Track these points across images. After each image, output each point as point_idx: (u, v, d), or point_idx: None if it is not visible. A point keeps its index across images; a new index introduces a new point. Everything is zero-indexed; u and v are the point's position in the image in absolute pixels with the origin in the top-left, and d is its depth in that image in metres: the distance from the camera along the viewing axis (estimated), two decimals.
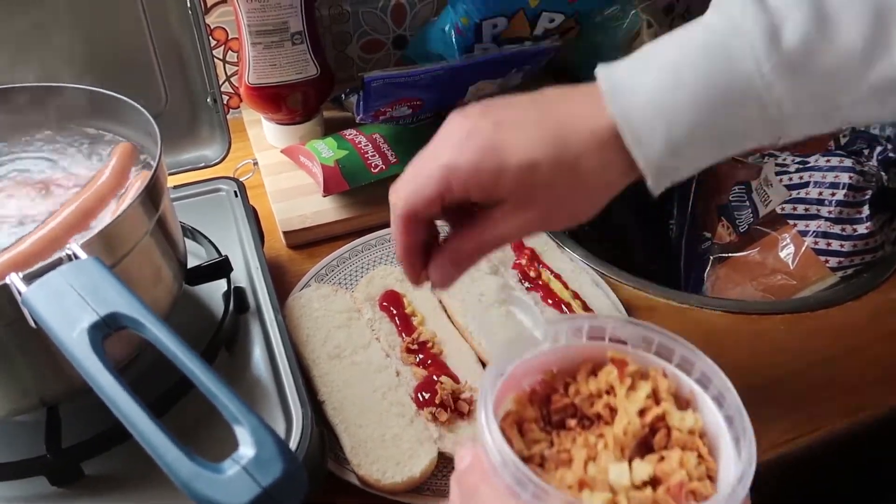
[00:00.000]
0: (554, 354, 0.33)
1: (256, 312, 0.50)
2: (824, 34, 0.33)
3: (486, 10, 0.73)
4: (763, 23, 0.33)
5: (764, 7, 0.34)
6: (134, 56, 0.59)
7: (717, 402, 0.31)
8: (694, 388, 0.32)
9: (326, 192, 0.64)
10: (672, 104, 0.34)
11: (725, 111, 0.34)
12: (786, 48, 0.33)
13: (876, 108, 0.35)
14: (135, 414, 0.27)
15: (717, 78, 0.34)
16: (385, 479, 0.43)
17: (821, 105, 0.35)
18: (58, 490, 0.40)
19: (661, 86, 0.35)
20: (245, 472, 0.26)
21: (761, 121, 0.35)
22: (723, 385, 0.31)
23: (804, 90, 0.34)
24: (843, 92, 0.34)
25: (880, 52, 0.33)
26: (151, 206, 0.41)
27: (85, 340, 0.30)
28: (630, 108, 0.35)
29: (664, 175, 0.36)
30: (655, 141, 0.35)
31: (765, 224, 0.71)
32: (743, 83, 0.34)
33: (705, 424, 0.31)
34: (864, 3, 0.33)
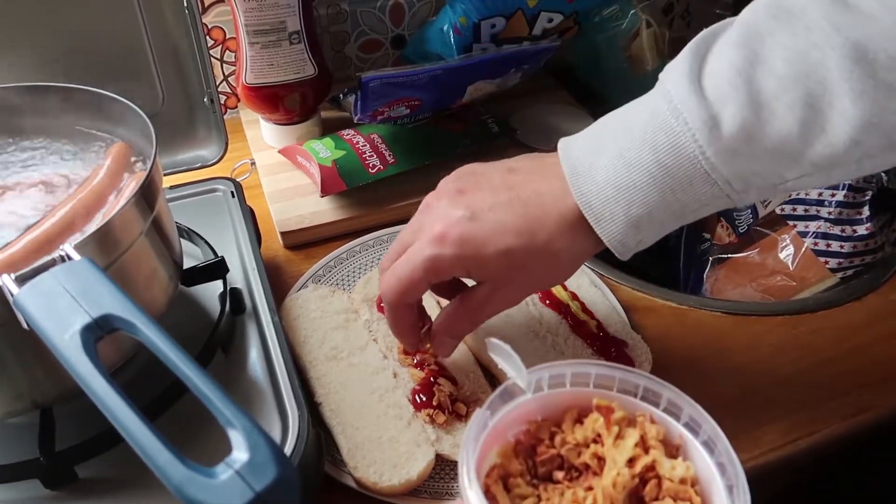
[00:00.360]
0: (537, 403, 0.33)
1: (253, 314, 0.50)
2: (760, 120, 0.36)
3: (485, 10, 0.73)
4: (702, 113, 0.36)
5: (701, 97, 0.36)
6: (130, 55, 0.59)
7: (707, 447, 0.30)
8: (683, 433, 0.32)
9: (324, 193, 0.64)
10: (628, 185, 0.38)
11: (679, 189, 0.37)
12: (726, 135, 0.35)
13: (822, 180, 0.37)
14: (127, 418, 0.27)
15: (666, 161, 0.37)
16: (382, 481, 0.43)
17: (767, 180, 0.37)
18: (51, 493, 0.40)
19: (615, 168, 0.38)
20: (238, 476, 0.26)
21: (713, 196, 0.37)
22: (712, 431, 0.30)
23: (748, 170, 0.37)
24: (786, 169, 0.37)
25: (816, 133, 0.35)
26: (146, 207, 0.41)
27: (77, 343, 0.29)
28: (589, 192, 0.38)
29: (628, 248, 0.40)
30: (616, 220, 0.38)
31: (764, 225, 0.70)
32: (690, 166, 0.36)
33: (696, 471, 0.31)
34: (796, 90, 0.35)
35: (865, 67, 0.33)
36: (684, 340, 0.56)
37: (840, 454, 0.52)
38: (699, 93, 0.36)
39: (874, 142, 0.35)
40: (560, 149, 0.41)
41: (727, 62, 0.36)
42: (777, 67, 0.35)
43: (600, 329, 0.53)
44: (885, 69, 0.33)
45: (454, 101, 0.74)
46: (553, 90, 0.86)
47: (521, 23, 0.74)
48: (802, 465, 0.49)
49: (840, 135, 0.34)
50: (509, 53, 0.72)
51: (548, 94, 0.85)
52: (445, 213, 0.41)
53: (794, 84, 0.35)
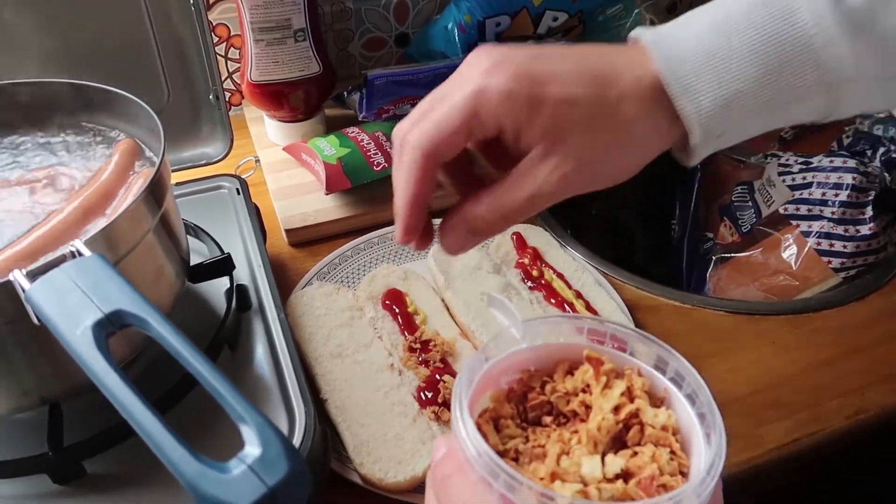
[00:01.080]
0: (531, 353, 0.33)
1: (259, 310, 0.50)
2: None
3: (490, 9, 0.73)
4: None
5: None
6: (136, 52, 0.59)
7: (690, 399, 0.31)
8: (668, 386, 0.32)
9: (329, 190, 0.64)
10: (725, 52, 0.31)
11: (780, 67, 0.31)
12: (850, 4, 0.31)
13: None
14: (140, 412, 0.27)
15: (773, 29, 0.31)
16: (387, 478, 0.43)
17: (884, 68, 0.32)
18: (60, 488, 0.40)
19: (713, 33, 0.32)
20: (251, 471, 0.26)
21: (816, 84, 0.32)
22: (696, 383, 0.31)
23: (867, 50, 0.31)
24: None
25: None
26: (154, 204, 0.41)
27: (89, 338, 0.30)
28: (677, 57, 0.32)
29: (711, 134, 0.33)
30: (705, 91, 0.31)
31: (767, 224, 0.70)
32: (801, 38, 0.31)
33: (678, 421, 0.31)
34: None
35: None
36: (687, 339, 0.56)
37: (842, 453, 0.52)
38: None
39: None
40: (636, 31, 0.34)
41: None
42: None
43: None
44: None
45: None
46: None
47: (526, 21, 0.74)
48: (804, 464, 0.50)
49: None
50: None
51: None
52: (499, 49, 0.32)
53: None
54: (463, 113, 0.31)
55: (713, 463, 0.27)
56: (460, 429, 0.28)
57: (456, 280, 0.57)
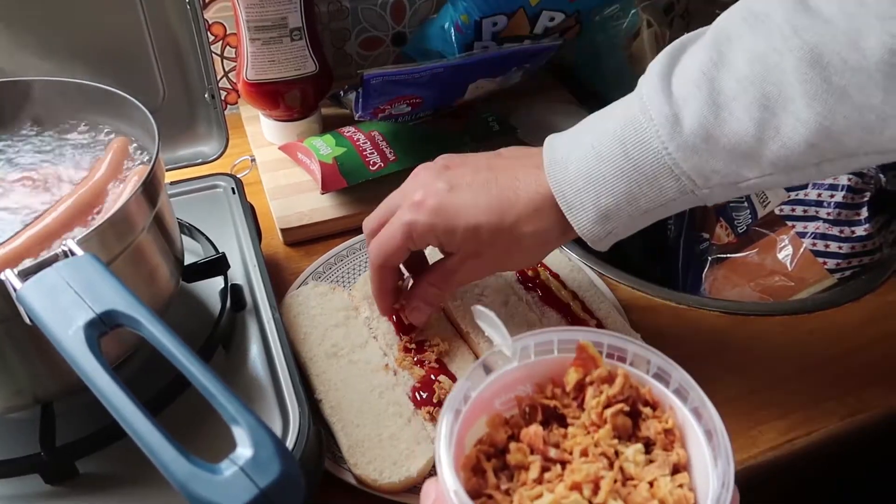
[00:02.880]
0: (523, 371, 0.33)
1: (253, 310, 0.50)
2: (718, 119, 0.37)
3: (486, 8, 0.73)
4: (665, 110, 0.38)
5: (668, 93, 0.38)
6: (131, 51, 0.59)
7: (695, 414, 0.31)
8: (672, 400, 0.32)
9: (325, 190, 0.64)
10: (598, 176, 0.40)
11: (646, 183, 0.39)
12: (686, 132, 0.37)
13: (783, 180, 0.38)
14: (131, 413, 0.27)
15: (633, 156, 0.39)
16: (382, 478, 0.43)
17: (727, 178, 0.38)
18: (52, 488, 0.40)
19: (587, 160, 0.40)
20: (242, 472, 0.26)
21: (679, 191, 0.39)
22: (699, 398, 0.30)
23: (707, 167, 0.38)
24: (745, 168, 0.38)
25: (771, 134, 0.36)
26: (148, 203, 0.41)
27: (81, 338, 0.29)
28: (563, 181, 0.41)
29: (598, 237, 0.42)
30: (586, 209, 0.41)
31: (763, 225, 0.70)
32: (655, 160, 0.38)
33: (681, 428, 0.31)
34: (753, 91, 0.36)
35: (820, 71, 0.34)
36: (683, 340, 0.56)
37: (838, 454, 0.52)
38: (667, 91, 0.38)
39: (829, 146, 0.35)
40: (546, 142, 0.44)
41: (696, 63, 0.38)
42: (738, 69, 0.36)
43: (600, 328, 0.53)
44: (838, 73, 0.33)
45: (455, 99, 0.74)
46: (553, 89, 0.86)
47: (523, 21, 0.74)
48: (800, 465, 0.50)
49: (794, 137, 0.35)
50: (511, 52, 0.72)
51: (548, 92, 0.85)
52: (428, 183, 0.44)
53: (752, 86, 0.36)
54: (402, 237, 0.44)
55: (719, 498, 0.26)
56: (441, 474, 0.27)
57: None
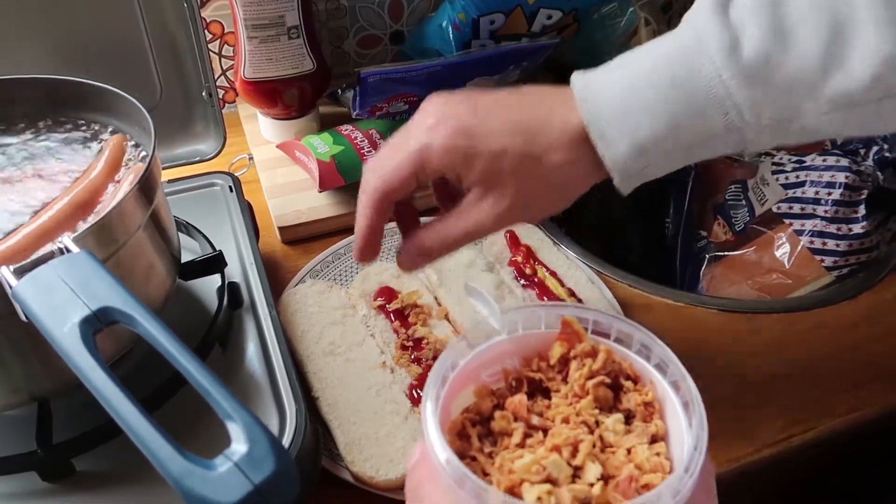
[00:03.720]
0: (511, 344, 0.33)
1: (251, 308, 0.50)
2: (782, 46, 0.34)
3: (484, 7, 0.73)
4: (723, 35, 0.34)
5: (725, 20, 0.35)
6: (129, 49, 0.59)
7: (674, 387, 0.31)
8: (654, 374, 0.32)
9: (322, 188, 0.64)
10: (638, 105, 0.36)
11: (689, 115, 0.35)
12: (745, 59, 0.34)
13: (839, 122, 0.36)
14: (126, 410, 0.27)
15: (681, 83, 0.35)
16: (379, 476, 0.43)
17: (781, 114, 0.35)
18: (49, 486, 0.40)
19: (628, 88, 0.36)
20: (237, 468, 0.26)
21: (724, 127, 0.36)
22: (679, 373, 0.31)
23: (764, 99, 0.35)
24: (802, 102, 0.35)
25: (837, 65, 0.34)
26: (145, 200, 0.41)
27: (76, 335, 0.29)
28: (598, 107, 0.36)
29: (630, 175, 0.37)
30: (621, 139, 0.36)
31: (761, 223, 0.71)
32: (705, 90, 0.35)
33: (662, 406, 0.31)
34: (821, 18, 0.33)
35: None
36: (680, 337, 0.56)
37: (834, 451, 0.52)
38: (722, 18, 0.35)
39: (894, 78, 0.33)
40: (575, 74, 0.39)
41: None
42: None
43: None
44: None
45: None
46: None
47: (520, 19, 0.74)
48: (797, 462, 0.50)
49: (862, 68, 0.33)
50: (508, 50, 0.72)
51: None
52: (444, 105, 0.38)
53: (819, 12, 0.33)
54: (411, 164, 0.37)
55: (691, 459, 0.27)
56: (427, 434, 0.28)
57: (449, 278, 0.57)
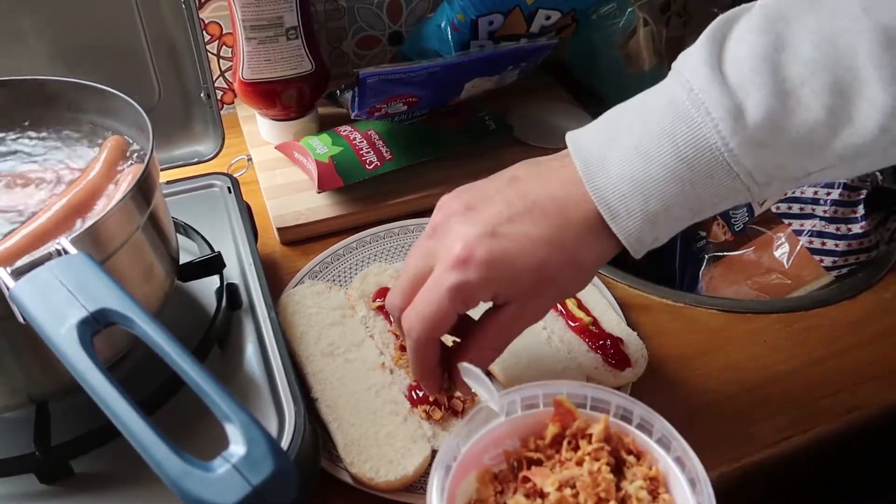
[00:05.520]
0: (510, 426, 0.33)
1: (249, 309, 0.50)
2: (786, 109, 0.33)
3: (483, 7, 0.73)
4: (725, 102, 0.33)
5: (723, 82, 0.34)
6: (127, 50, 0.59)
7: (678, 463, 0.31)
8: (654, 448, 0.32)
9: (321, 189, 0.64)
10: (645, 179, 0.35)
11: (699, 183, 0.35)
12: (751, 125, 0.33)
13: (845, 171, 0.36)
14: (124, 411, 0.27)
15: (686, 156, 0.35)
16: (378, 477, 0.43)
17: (791, 173, 0.35)
18: (47, 488, 0.40)
19: (631, 161, 0.36)
20: (235, 470, 0.26)
21: (733, 190, 0.35)
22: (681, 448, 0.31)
23: (771, 162, 0.35)
24: (810, 161, 0.35)
25: (843, 122, 0.33)
26: (143, 201, 0.40)
27: (74, 336, 0.29)
28: (605, 187, 0.36)
29: (644, 244, 0.38)
30: (633, 216, 0.36)
31: (760, 223, 0.71)
32: (712, 158, 0.34)
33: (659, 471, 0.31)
34: (823, 78, 0.33)
35: (894, 54, 0.32)
36: (680, 338, 0.56)
37: (834, 451, 0.52)
38: (721, 80, 0.34)
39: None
40: (570, 142, 0.39)
41: (749, 47, 0.34)
42: (804, 52, 0.33)
43: (596, 326, 0.53)
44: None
45: (451, 98, 0.74)
46: (549, 87, 0.86)
47: (519, 20, 0.74)
48: (796, 463, 0.50)
49: (868, 123, 0.33)
50: (507, 51, 0.72)
51: (544, 91, 0.85)
52: (461, 232, 0.37)
53: (823, 70, 0.33)
54: (452, 305, 0.37)
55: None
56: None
57: None
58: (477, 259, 0.36)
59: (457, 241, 0.37)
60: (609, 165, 0.36)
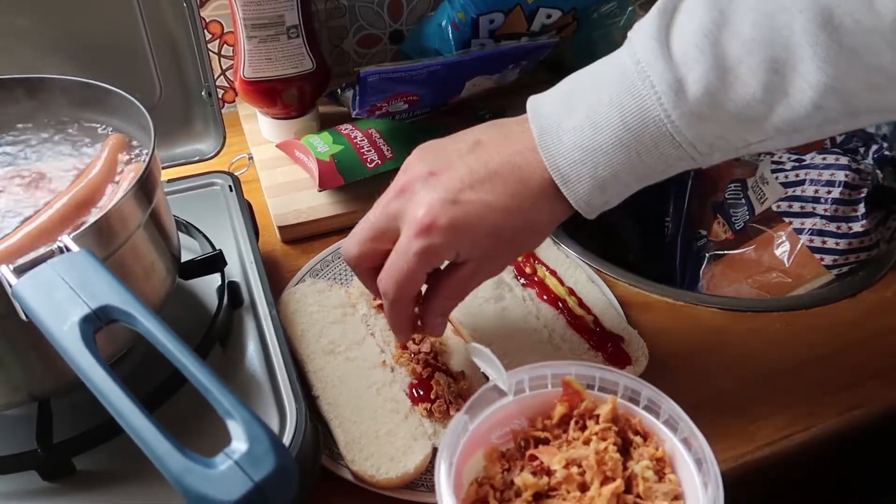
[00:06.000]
0: (517, 405, 0.33)
1: (251, 307, 0.50)
2: (725, 84, 0.35)
3: (483, 6, 0.73)
4: (668, 76, 0.36)
5: (668, 56, 0.36)
6: (128, 48, 0.59)
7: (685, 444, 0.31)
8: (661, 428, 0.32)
9: (322, 187, 0.64)
10: (594, 147, 0.38)
11: (645, 152, 0.38)
12: (691, 99, 0.36)
13: (783, 142, 0.38)
14: (126, 408, 0.27)
15: (633, 126, 0.37)
16: (379, 474, 0.43)
17: (730, 143, 0.38)
18: (49, 485, 0.40)
19: (582, 130, 0.38)
20: (237, 466, 0.26)
21: (677, 158, 0.38)
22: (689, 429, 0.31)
23: (712, 133, 0.37)
24: (749, 133, 0.37)
25: (779, 98, 0.35)
26: (144, 199, 0.41)
27: (76, 334, 0.29)
28: (558, 154, 0.39)
29: (595, 208, 0.41)
30: (582, 181, 0.39)
31: (760, 222, 0.71)
32: (656, 129, 0.37)
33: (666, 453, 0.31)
34: (760, 54, 0.34)
35: (831, 32, 0.33)
36: (680, 336, 0.56)
37: (835, 449, 0.52)
38: (666, 55, 0.36)
39: (835, 106, 0.35)
40: (530, 108, 0.41)
41: (695, 23, 0.36)
42: (743, 30, 0.35)
43: (597, 324, 0.53)
44: (849, 34, 0.33)
45: (452, 96, 0.74)
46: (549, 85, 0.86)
47: (520, 19, 0.74)
48: (797, 461, 0.50)
49: (802, 100, 0.34)
50: (508, 50, 0.72)
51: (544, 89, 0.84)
52: (425, 198, 0.40)
53: (760, 48, 0.34)
54: (420, 268, 0.41)
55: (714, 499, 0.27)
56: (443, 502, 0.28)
57: None
58: (440, 225, 0.39)
59: (420, 207, 0.40)
60: (563, 133, 0.39)
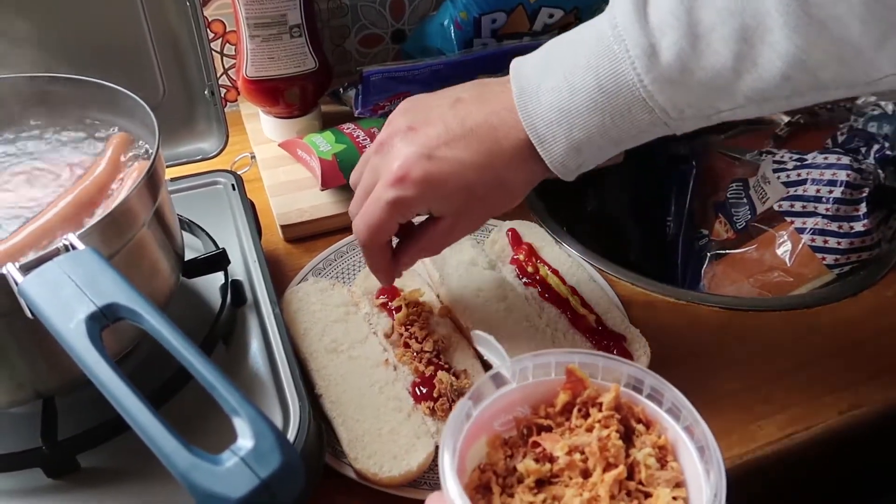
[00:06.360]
0: (521, 393, 0.33)
1: (254, 306, 0.50)
2: (696, 51, 0.36)
3: (486, 5, 0.73)
4: (642, 41, 0.36)
5: (644, 23, 0.37)
6: (131, 47, 0.59)
7: (688, 432, 0.31)
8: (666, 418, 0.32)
9: (324, 186, 0.64)
10: (570, 109, 0.39)
11: (619, 115, 0.38)
12: (663, 64, 0.36)
13: (754, 111, 0.38)
14: (133, 405, 0.27)
15: (607, 89, 0.38)
16: (382, 472, 0.43)
17: (701, 110, 0.38)
18: (54, 482, 0.40)
19: (559, 91, 0.39)
20: (244, 463, 0.26)
21: (649, 123, 0.39)
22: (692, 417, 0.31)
23: (682, 100, 0.38)
24: (719, 101, 0.38)
25: (748, 66, 0.36)
26: (149, 198, 0.41)
27: (83, 331, 0.30)
28: (535, 114, 0.40)
29: (570, 171, 0.41)
30: (558, 142, 0.40)
31: (762, 221, 0.71)
32: (629, 93, 0.37)
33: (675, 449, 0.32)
34: (732, 23, 0.35)
35: (801, 3, 0.33)
36: (682, 335, 0.56)
37: (835, 449, 0.52)
38: (642, 21, 0.36)
39: (803, 79, 0.35)
40: (513, 69, 0.42)
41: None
42: None
43: (599, 323, 0.54)
44: (819, 6, 0.33)
45: None
46: None
47: (522, 18, 0.75)
48: (798, 459, 0.50)
49: (771, 69, 0.35)
50: (510, 49, 0.72)
51: None
52: (402, 152, 0.41)
53: (731, 17, 0.35)
54: (391, 216, 0.43)
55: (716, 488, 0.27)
56: (447, 488, 0.28)
57: (451, 276, 0.57)
58: (412, 178, 0.41)
59: (396, 160, 0.42)
60: (542, 94, 0.39)
